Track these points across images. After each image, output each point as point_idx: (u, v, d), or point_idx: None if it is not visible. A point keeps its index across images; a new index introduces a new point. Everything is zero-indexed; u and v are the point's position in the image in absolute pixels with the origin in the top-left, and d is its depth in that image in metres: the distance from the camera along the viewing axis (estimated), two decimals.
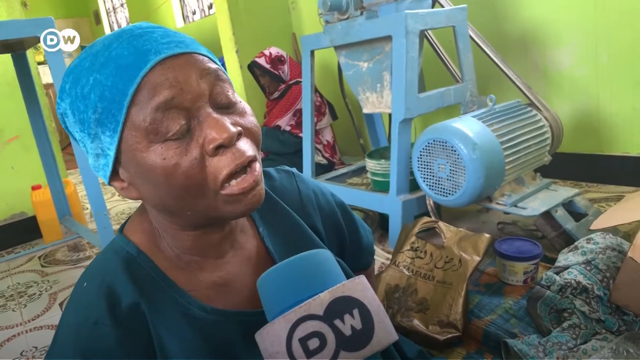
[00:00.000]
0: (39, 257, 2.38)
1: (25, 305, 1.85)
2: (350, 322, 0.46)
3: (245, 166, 0.53)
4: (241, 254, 0.65)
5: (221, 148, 0.51)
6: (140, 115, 0.49)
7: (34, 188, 2.50)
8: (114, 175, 0.56)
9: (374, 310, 0.48)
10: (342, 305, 0.47)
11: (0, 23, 1.65)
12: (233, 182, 0.52)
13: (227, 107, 0.54)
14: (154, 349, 0.54)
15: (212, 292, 0.60)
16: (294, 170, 0.79)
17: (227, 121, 0.52)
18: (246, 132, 0.54)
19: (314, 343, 0.45)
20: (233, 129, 0.51)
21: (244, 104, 0.56)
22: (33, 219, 2.59)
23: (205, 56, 0.54)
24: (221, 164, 0.51)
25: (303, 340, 0.45)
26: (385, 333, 0.47)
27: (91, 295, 0.55)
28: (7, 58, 2.34)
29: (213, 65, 0.54)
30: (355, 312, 0.47)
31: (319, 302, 0.47)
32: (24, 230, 2.63)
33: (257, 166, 0.55)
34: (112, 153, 0.52)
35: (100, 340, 0.52)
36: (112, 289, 0.55)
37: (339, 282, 0.49)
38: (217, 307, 0.59)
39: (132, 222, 0.63)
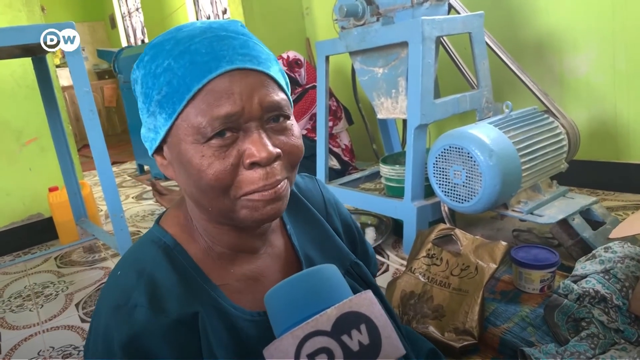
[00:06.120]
0: (55, 258, 2.41)
1: (42, 306, 1.87)
2: (357, 338, 0.46)
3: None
4: (271, 251, 0.67)
5: (256, 165, 0.54)
6: (198, 117, 0.53)
7: (50, 189, 2.53)
8: (159, 150, 0.60)
9: (381, 325, 0.48)
10: (350, 321, 0.47)
11: (23, 28, 1.68)
12: (256, 193, 0.55)
13: (276, 123, 0.56)
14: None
15: (242, 284, 0.62)
16: (316, 177, 0.83)
17: (269, 142, 0.54)
18: (287, 153, 0.57)
19: (321, 359, 0.46)
20: (272, 151, 0.54)
21: (293, 124, 0.59)
22: (49, 220, 2.62)
23: (274, 80, 0.56)
24: (250, 179, 0.54)
25: (311, 356, 0.46)
26: (392, 348, 0.47)
27: (130, 281, 0.56)
28: (26, 61, 2.38)
29: (276, 91, 0.56)
30: (363, 327, 0.47)
31: (326, 318, 0.47)
32: (40, 231, 2.66)
33: (284, 184, 0.57)
34: (162, 133, 0.56)
35: (139, 323, 0.53)
36: (153, 276, 0.57)
37: (346, 297, 0.50)
38: (245, 307, 0.61)
39: (168, 214, 0.66)
